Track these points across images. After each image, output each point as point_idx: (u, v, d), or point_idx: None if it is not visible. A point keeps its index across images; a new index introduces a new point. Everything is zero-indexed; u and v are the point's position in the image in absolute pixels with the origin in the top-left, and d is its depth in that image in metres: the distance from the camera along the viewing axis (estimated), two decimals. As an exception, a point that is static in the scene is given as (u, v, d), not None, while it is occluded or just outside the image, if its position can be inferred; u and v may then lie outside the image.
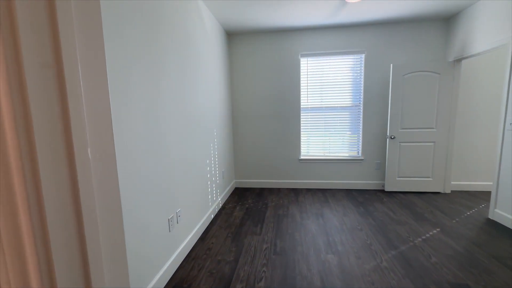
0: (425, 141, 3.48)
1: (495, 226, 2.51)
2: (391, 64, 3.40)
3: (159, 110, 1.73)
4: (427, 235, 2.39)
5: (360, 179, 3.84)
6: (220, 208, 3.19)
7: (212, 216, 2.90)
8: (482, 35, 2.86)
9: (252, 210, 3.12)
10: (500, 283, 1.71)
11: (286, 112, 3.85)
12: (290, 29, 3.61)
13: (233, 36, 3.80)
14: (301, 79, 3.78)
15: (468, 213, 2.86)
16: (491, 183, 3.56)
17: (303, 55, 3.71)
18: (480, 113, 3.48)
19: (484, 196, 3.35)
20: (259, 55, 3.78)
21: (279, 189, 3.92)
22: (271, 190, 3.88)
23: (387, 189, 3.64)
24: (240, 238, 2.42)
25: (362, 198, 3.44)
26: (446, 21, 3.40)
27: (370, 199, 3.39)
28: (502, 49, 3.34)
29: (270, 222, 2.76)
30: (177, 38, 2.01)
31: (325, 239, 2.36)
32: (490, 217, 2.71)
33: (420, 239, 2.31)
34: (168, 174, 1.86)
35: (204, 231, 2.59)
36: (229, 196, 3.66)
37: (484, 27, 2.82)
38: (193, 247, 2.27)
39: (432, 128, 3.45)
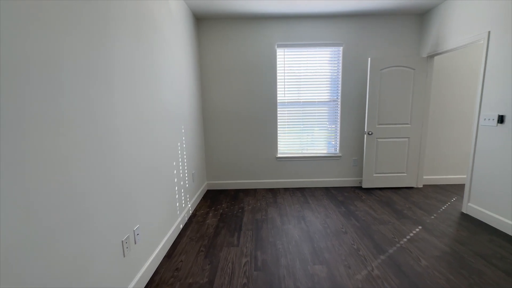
0: (401, 137, 3.48)
1: (471, 221, 2.54)
2: (369, 58, 3.30)
3: (103, 105, 1.30)
4: (411, 234, 2.30)
5: (338, 176, 3.74)
6: (191, 216, 2.80)
7: (181, 226, 2.51)
8: (455, 31, 2.87)
9: (227, 215, 2.79)
10: (491, 284, 1.64)
11: (262, 107, 3.56)
12: (266, 16, 3.31)
13: (203, 21, 3.37)
14: (278, 71, 3.52)
15: (443, 207, 2.88)
16: (460, 176, 3.71)
17: (280, 46, 3.44)
18: (451, 109, 3.58)
19: (453, 190, 3.45)
20: (232, 44, 3.42)
21: (255, 190, 3.64)
22: (247, 191, 3.58)
23: (364, 185, 3.58)
24: (215, 252, 2.08)
25: (342, 196, 3.32)
26: (421, 16, 3.40)
27: (350, 197, 3.28)
28: (473, 46, 3.44)
29: (248, 229, 2.46)
30: (131, 14, 1.57)
31: (310, 246, 2.14)
32: (463, 211, 2.75)
33: (405, 240, 2.21)
34: (121, 184, 1.44)
35: (172, 246, 2.19)
36: (201, 200, 3.27)
37: (458, 23, 2.83)
38: (157, 269, 1.87)
39: (407, 123, 3.46)
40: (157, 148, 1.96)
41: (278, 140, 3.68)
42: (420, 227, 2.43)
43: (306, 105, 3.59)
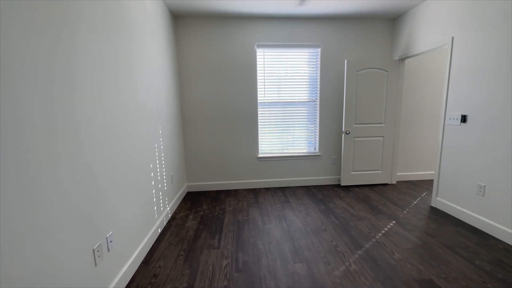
0: (376, 136, 3.64)
1: (439, 214, 2.71)
2: (346, 60, 3.41)
3: (67, 103, 1.21)
4: (386, 229, 2.41)
5: (318, 175, 3.82)
6: (170, 219, 2.72)
7: (160, 231, 2.42)
8: (423, 36, 3.05)
9: (208, 218, 2.74)
10: (457, 273, 1.76)
11: (243, 107, 3.55)
12: (246, 16, 3.30)
13: (181, 19, 3.28)
14: (258, 71, 3.52)
15: (415, 202, 3.05)
16: (430, 172, 3.95)
17: (260, 46, 3.44)
18: (421, 109, 3.80)
19: (424, 185, 3.67)
20: (212, 43, 3.37)
21: (237, 191, 3.61)
22: (228, 192, 3.55)
23: (343, 183, 3.69)
24: (195, 256, 2.03)
25: (321, 194, 3.40)
26: (393, 21, 3.57)
27: (329, 195, 3.37)
28: (440, 50, 3.68)
29: (230, 231, 2.44)
30: (99, 9, 1.48)
31: (290, 245, 2.16)
32: (433, 205, 2.93)
33: (380, 234, 2.31)
34: (91, 189, 1.36)
35: (149, 251, 2.11)
36: (181, 203, 3.19)
37: (425, 29, 3.01)
38: (133, 277, 1.79)
39: (381, 123, 3.62)
40: (133, 150, 1.88)
41: (259, 140, 3.68)
42: (394, 222, 2.55)
43: (286, 105, 3.63)
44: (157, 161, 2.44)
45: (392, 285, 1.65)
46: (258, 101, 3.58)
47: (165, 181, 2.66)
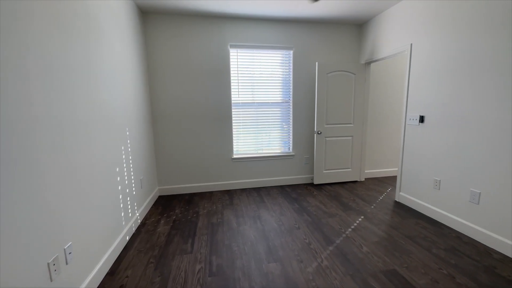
0: (345, 136, 3.81)
1: (402, 208, 2.91)
2: (317, 62, 3.53)
3: (19, 103, 1.09)
4: (355, 224, 2.53)
5: (292, 174, 3.90)
6: (139, 225, 2.58)
7: (128, 238, 2.29)
8: (386, 42, 3.26)
9: (181, 222, 2.65)
10: (417, 261, 1.90)
11: (217, 108, 3.50)
12: (219, 15, 3.26)
13: (150, 16, 3.14)
14: (231, 72, 3.50)
15: (381, 197, 3.25)
16: (394, 169, 4.24)
17: (233, 46, 3.42)
18: (386, 110, 4.06)
19: (389, 181, 3.92)
20: (184, 41, 3.27)
21: (211, 193, 3.55)
22: (202, 195, 3.47)
23: (316, 182, 3.81)
24: (166, 262, 1.95)
25: (295, 193, 3.47)
26: (360, 27, 3.77)
27: (303, 193, 3.45)
28: (401, 55, 3.96)
29: (203, 234, 2.38)
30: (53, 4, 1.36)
31: (265, 245, 2.17)
32: (397, 199, 3.14)
33: (350, 230, 2.42)
34: (45, 197, 1.24)
35: (116, 261, 1.98)
36: (152, 208, 3.05)
37: (388, 35, 3.22)
38: (97, 289, 1.67)
39: (350, 123, 3.80)
40: (94, 153, 1.75)
41: (234, 140, 3.66)
42: (362, 217, 2.68)
43: (260, 105, 3.65)
44: (124, 165, 2.30)
45: (360, 278, 1.73)
46: (232, 101, 3.56)
47: (133, 185, 2.52)
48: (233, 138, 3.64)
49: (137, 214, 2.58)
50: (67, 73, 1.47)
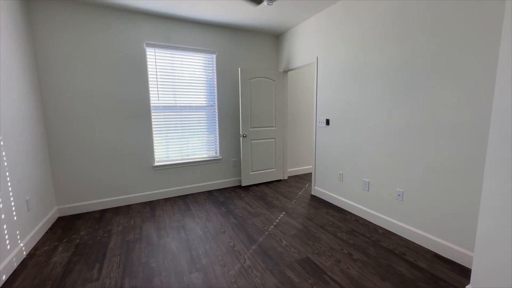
0: (269, 138, 4.06)
1: (317, 200, 3.29)
2: (239, 68, 3.64)
3: None
4: (277, 220, 2.71)
5: (220, 178, 3.88)
6: (25, 258, 2.05)
7: (5, 278, 1.78)
8: (298, 53, 3.65)
9: (86, 245, 2.25)
10: (326, 247, 2.17)
11: (134, 111, 3.16)
12: (132, 9, 2.96)
13: (37, 3, 2.58)
14: (149, 73, 3.23)
15: (300, 193, 3.59)
16: (311, 166, 4.76)
17: (150, 45, 3.17)
18: (302, 114, 4.54)
19: (307, 178, 4.39)
20: (89, 34, 2.82)
21: (129, 206, 3.17)
22: (118, 210, 3.05)
23: (243, 184, 3.90)
24: (61, 298, 1.61)
25: (223, 197, 3.46)
26: (277, 38, 4.10)
27: (230, 197, 3.48)
28: (311, 66, 4.49)
29: (115, 255, 2.09)
30: None
31: (187, 256, 2.07)
32: (313, 193, 3.54)
33: (272, 226, 2.57)
34: None
35: (-18, 311, 1.51)
36: (46, 234, 2.48)
37: (300, 48, 3.61)
38: None
39: (273, 126, 4.07)
40: None
41: (155, 147, 3.38)
42: (284, 213, 2.90)
43: (183, 109, 3.50)
44: (-3, 184, 1.79)
45: (279, 271, 1.85)
46: (152, 105, 3.28)
47: (13, 208, 1.99)
48: (154, 144, 3.36)
49: (21, 245, 2.05)
50: None
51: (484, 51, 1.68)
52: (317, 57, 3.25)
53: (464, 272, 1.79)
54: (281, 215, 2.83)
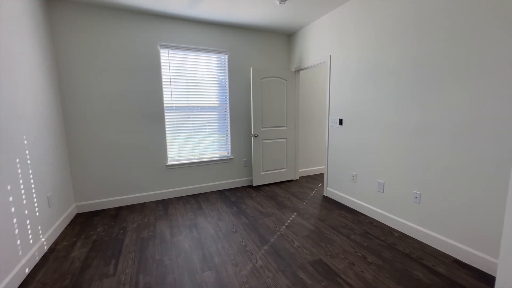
0: (280, 138, 4.04)
1: (329, 201, 3.24)
2: (251, 68, 3.64)
3: None
4: (289, 221, 2.69)
5: (231, 178, 3.90)
6: (47, 252, 2.15)
7: (28, 271, 1.87)
8: (311, 52, 3.61)
9: (103, 241, 2.32)
10: (339, 249, 2.13)
11: (148, 112, 3.23)
12: (146, 12, 3.02)
13: (57, 4, 2.68)
14: (163, 73, 3.29)
15: (312, 194, 3.55)
16: (323, 167, 4.70)
17: (163, 46, 3.23)
18: (314, 114, 4.49)
19: (319, 178, 4.33)
20: (107, 37, 2.90)
21: (143, 204, 3.24)
22: (132, 208, 3.13)
23: (254, 183, 3.90)
24: (80, 292, 1.67)
25: (235, 197, 3.48)
26: (289, 37, 4.07)
27: (242, 196, 3.49)
28: (324, 65, 4.43)
29: (130, 252, 2.14)
30: None
31: (200, 254, 2.09)
32: (325, 194, 3.49)
33: (284, 227, 2.55)
34: None
35: (7, 302, 1.59)
36: (66, 229, 2.58)
37: (312, 46, 3.57)
38: None
39: (284, 126, 4.05)
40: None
41: (168, 146, 3.44)
42: (295, 214, 2.87)
43: (196, 109, 3.54)
44: (21, 181, 1.88)
45: (291, 272, 1.83)
46: (165, 105, 3.34)
47: (36, 204, 2.08)
48: (167, 144, 3.42)
49: (43, 239, 2.14)
50: None
51: (505, 49, 1.59)
52: (330, 56, 3.19)
53: (486, 279, 1.71)
54: (293, 216, 2.81)
